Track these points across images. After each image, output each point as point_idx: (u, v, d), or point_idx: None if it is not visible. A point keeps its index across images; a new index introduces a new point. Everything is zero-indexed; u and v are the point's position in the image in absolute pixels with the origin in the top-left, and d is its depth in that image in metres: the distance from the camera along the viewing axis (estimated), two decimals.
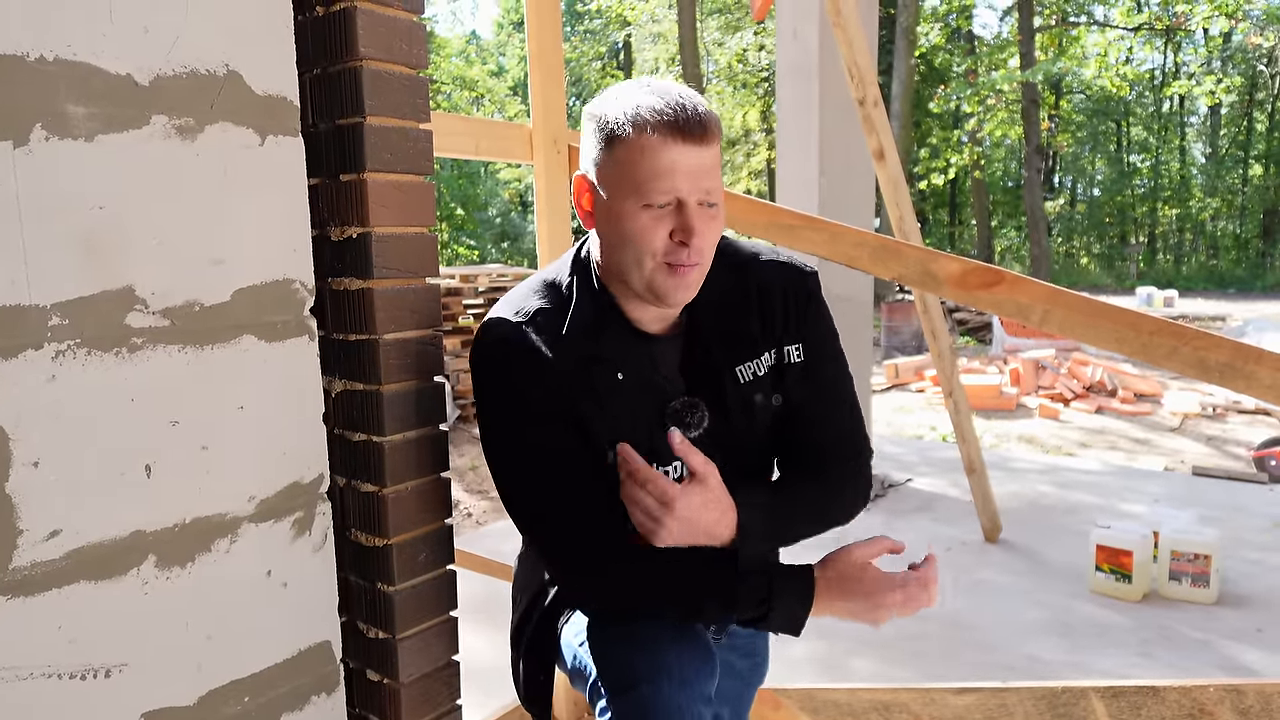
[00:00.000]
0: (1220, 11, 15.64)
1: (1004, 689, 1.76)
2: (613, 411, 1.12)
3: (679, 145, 1.03)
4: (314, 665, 1.13)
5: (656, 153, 1.03)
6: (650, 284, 1.08)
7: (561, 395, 1.10)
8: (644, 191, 1.04)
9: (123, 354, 0.93)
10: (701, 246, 1.06)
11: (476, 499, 5.21)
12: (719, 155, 1.08)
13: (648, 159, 1.03)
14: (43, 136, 0.86)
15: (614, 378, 1.12)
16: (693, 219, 1.04)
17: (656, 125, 1.02)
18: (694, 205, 1.05)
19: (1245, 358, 1.39)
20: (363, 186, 1.11)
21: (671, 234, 1.05)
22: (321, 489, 1.13)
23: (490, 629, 2.05)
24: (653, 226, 1.05)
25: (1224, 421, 6.73)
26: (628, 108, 1.05)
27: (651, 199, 1.04)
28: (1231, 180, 27.53)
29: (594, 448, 1.13)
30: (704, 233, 1.06)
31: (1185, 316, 13.01)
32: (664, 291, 1.08)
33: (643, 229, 1.05)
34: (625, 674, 1.06)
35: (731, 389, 1.17)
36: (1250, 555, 3.46)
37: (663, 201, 1.04)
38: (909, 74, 16.84)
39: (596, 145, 1.09)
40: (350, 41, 1.09)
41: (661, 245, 1.05)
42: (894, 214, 3.29)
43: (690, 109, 1.03)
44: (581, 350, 1.11)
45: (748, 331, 1.18)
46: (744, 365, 1.18)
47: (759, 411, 1.19)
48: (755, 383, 1.18)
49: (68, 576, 0.90)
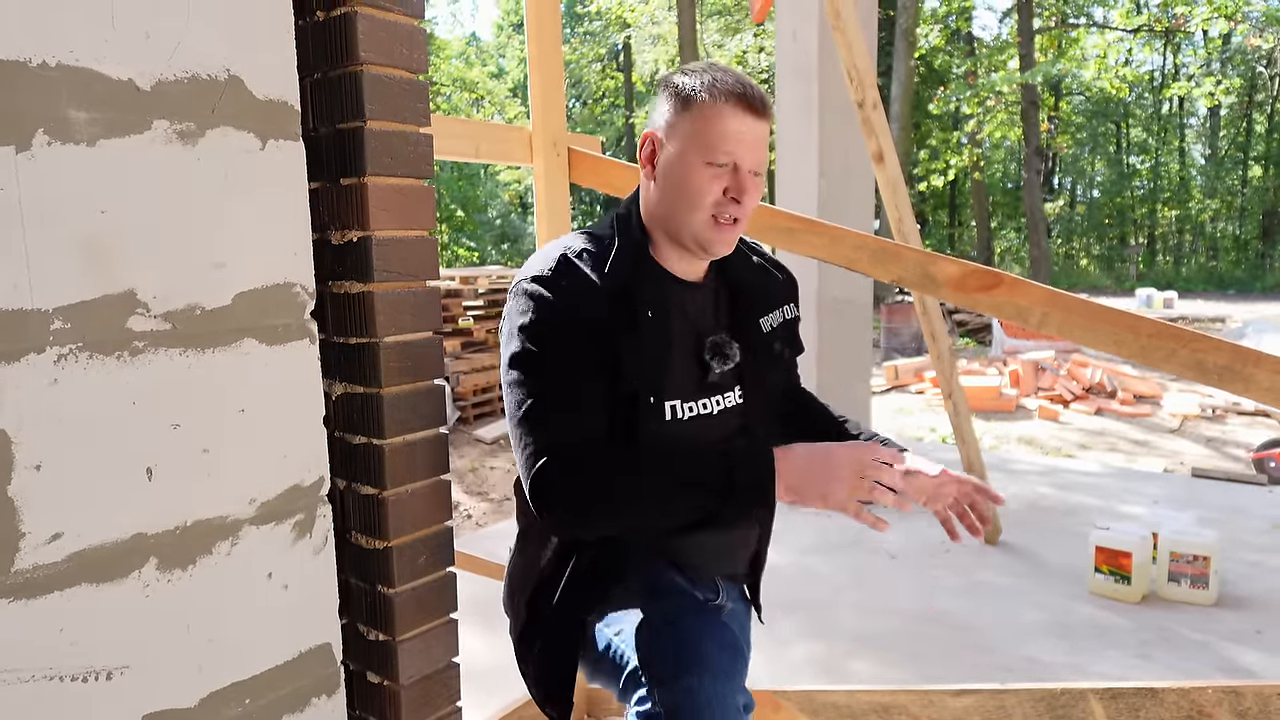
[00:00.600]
0: (1219, 13, 15.66)
1: (1003, 690, 1.76)
2: (646, 345, 1.21)
3: (745, 116, 1.19)
4: (314, 667, 1.14)
5: (726, 119, 1.19)
6: (697, 233, 1.24)
7: (598, 324, 1.18)
8: (710, 150, 1.19)
9: (124, 357, 0.93)
10: (747, 206, 1.22)
11: (476, 501, 5.22)
12: (769, 134, 1.25)
13: (718, 122, 1.19)
14: (45, 141, 0.86)
15: (644, 314, 1.22)
16: (746, 181, 1.21)
17: (729, 95, 1.19)
18: (746, 171, 1.21)
19: (1244, 360, 1.39)
20: (363, 190, 1.12)
21: (726, 190, 1.21)
22: (322, 492, 1.14)
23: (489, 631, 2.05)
24: (710, 182, 1.21)
25: (1223, 423, 6.74)
26: (705, 78, 1.21)
27: (715, 158, 1.19)
28: (1231, 182, 27.55)
29: (623, 382, 1.19)
30: (752, 194, 1.22)
31: (1185, 318, 13.03)
32: (708, 241, 1.24)
33: (702, 182, 1.21)
34: (671, 665, 1.13)
35: (760, 336, 1.35)
36: (1249, 557, 3.46)
37: (724, 161, 1.20)
38: (908, 76, 16.85)
39: (670, 107, 1.24)
40: (351, 46, 1.09)
41: (714, 199, 1.21)
42: (893, 216, 3.30)
43: (756, 88, 1.22)
44: (619, 285, 1.22)
45: (766, 289, 1.39)
46: (765, 317, 1.37)
47: (778, 358, 1.40)
48: (774, 332, 1.38)
49: (69, 579, 0.90)
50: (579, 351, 1.17)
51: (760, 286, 1.38)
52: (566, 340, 1.17)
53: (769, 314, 1.38)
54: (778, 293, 1.41)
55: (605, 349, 1.18)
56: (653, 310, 1.23)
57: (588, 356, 1.17)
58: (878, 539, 3.65)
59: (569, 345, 1.17)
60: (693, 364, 1.27)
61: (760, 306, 1.36)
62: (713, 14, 21.12)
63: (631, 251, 1.25)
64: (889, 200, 3.30)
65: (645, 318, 1.21)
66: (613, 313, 1.19)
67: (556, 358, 1.17)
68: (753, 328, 1.34)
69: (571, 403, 1.16)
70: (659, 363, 1.23)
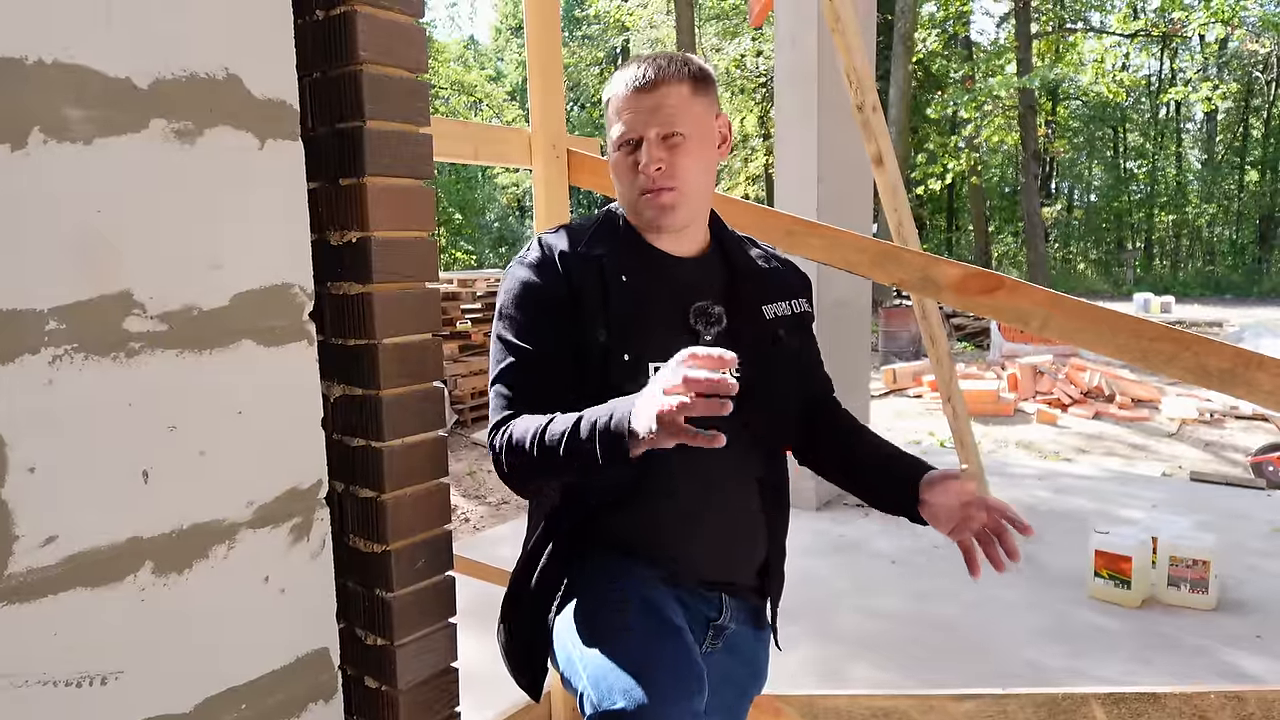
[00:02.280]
0: (1216, 18, 15.71)
1: (1004, 695, 1.75)
2: (619, 304, 1.24)
3: (630, 94, 1.25)
4: (312, 672, 1.13)
5: (620, 102, 1.26)
6: (635, 210, 1.29)
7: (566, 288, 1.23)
8: (616, 135, 1.26)
9: (120, 359, 0.92)
10: (666, 172, 1.23)
11: (473, 504, 5.20)
12: (684, 94, 1.25)
13: (615, 108, 1.27)
14: (41, 139, 0.85)
15: (618, 278, 1.25)
16: (649, 148, 1.23)
17: (619, 82, 1.27)
18: (652, 138, 1.23)
19: (1246, 364, 1.38)
20: (362, 191, 1.11)
21: (634, 165, 1.25)
22: (320, 494, 1.13)
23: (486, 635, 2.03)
24: (624, 162, 1.27)
25: (1221, 427, 6.74)
26: (613, 78, 1.30)
27: (617, 140, 1.26)
28: (1227, 186, 27.59)
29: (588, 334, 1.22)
30: (659, 160, 1.23)
31: (1182, 322, 13.03)
32: (645, 214, 1.27)
33: (620, 166, 1.28)
34: (612, 689, 1.04)
35: (760, 319, 1.33)
36: (1248, 561, 3.46)
37: (627, 139, 1.25)
38: (906, 80, 16.87)
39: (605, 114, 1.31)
40: (350, 45, 1.09)
41: (630, 176, 1.26)
42: (893, 219, 3.29)
43: (644, 66, 1.25)
44: (594, 253, 1.27)
45: (769, 280, 1.38)
46: (768, 305, 1.35)
47: (785, 346, 1.35)
48: (779, 320, 1.35)
49: (64, 583, 0.89)
50: (545, 321, 1.23)
51: (763, 275, 1.38)
52: (535, 312, 1.24)
53: (773, 302, 1.37)
54: (783, 285, 1.40)
55: (577, 312, 1.23)
56: (628, 274, 1.26)
57: (553, 333, 1.23)
58: (876, 543, 3.64)
59: (536, 317, 1.23)
60: (680, 329, 1.27)
61: (762, 292, 1.36)
62: (711, 18, 21.14)
63: (609, 226, 1.32)
64: (888, 204, 3.29)
65: (620, 280, 1.25)
66: (585, 276, 1.24)
67: (523, 329, 1.23)
68: (751, 308, 1.33)
69: (530, 369, 1.22)
70: (637, 322, 1.24)
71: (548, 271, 1.25)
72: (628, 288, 1.25)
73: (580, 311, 1.23)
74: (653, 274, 1.28)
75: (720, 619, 1.30)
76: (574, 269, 1.25)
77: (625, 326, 1.23)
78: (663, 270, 1.30)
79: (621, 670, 1.06)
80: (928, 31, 19.13)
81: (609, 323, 1.22)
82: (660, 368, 1.08)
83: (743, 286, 1.34)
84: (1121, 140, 29.76)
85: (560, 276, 1.24)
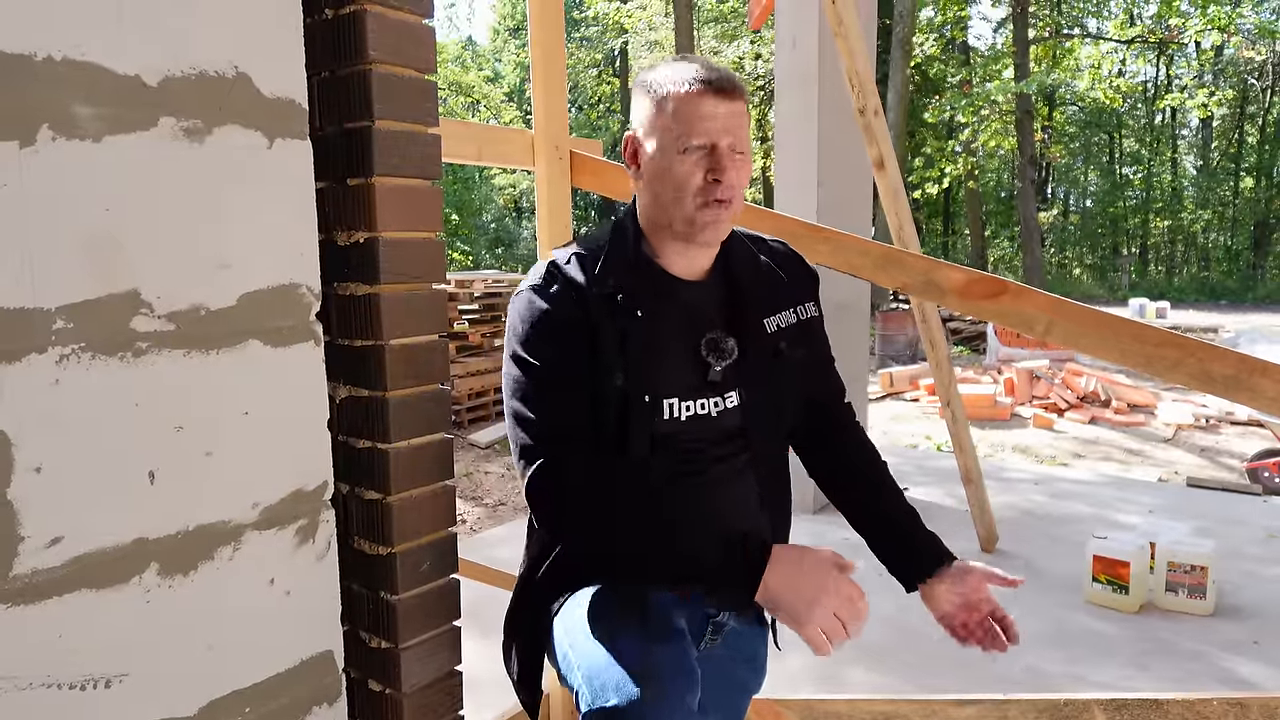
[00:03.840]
0: (1212, 25, 15.77)
1: (1005, 701, 1.75)
2: (638, 343, 1.21)
3: (711, 98, 1.20)
4: (316, 675, 1.12)
5: (694, 103, 1.20)
6: (690, 219, 1.23)
7: (587, 324, 1.20)
8: (684, 137, 1.20)
9: (127, 358, 0.92)
10: (733, 184, 1.22)
11: (471, 506, 5.19)
12: (746, 113, 1.24)
13: (686, 108, 1.20)
14: (49, 137, 0.85)
15: (633, 312, 1.22)
16: (724, 159, 1.20)
17: (694, 81, 1.21)
18: (725, 149, 1.21)
19: (1250, 370, 1.39)
20: (370, 191, 1.10)
21: (707, 173, 1.21)
22: (325, 496, 1.12)
23: (484, 637, 2.03)
24: (692, 168, 1.21)
25: (1217, 433, 6.76)
26: (671, 72, 1.23)
27: (689, 142, 1.20)
28: (1223, 192, 27.68)
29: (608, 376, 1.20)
30: (733, 171, 1.21)
31: (1178, 328, 13.06)
32: (702, 224, 1.23)
33: (683, 170, 1.21)
34: (605, 688, 1.07)
35: (762, 335, 1.31)
36: (1245, 566, 3.46)
37: (699, 143, 1.20)
38: (904, 84, 16.90)
39: (644, 104, 1.25)
40: (359, 44, 1.08)
41: (699, 183, 1.21)
42: (893, 223, 3.29)
43: (721, 70, 1.22)
44: (609, 286, 1.23)
45: (774, 288, 1.36)
46: (771, 318, 1.33)
47: (787, 359, 1.33)
48: (780, 332, 1.33)
49: (69, 584, 0.88)
50: (567, 356, 1.20)
51: (765, 286, 1.35)
52: (555, 345, 1.20)
53: (775, 314, 1.34)
54: (786, 293, 1.37)
55: (594, 350, 1.20)
56: (644, 308, 1.23)
57: (575, 360, 1.20)
58: None
59: (557, 350, 1.20)
60: (691, 362, 1.26)
61: (763, 305, 1.33)
62: (709, 20, 21.15)
63: (623, 253, 1.27)
64: (889, 207, 3.30)
65: (635, 316, 1.22)
66: (600, 313, 1.21)
67: (545, 363, 1.20)
68: (753, 326, 1.31)
69: (555, 390, 1.19)
70: (652, 360, 1.22)
71: (565, 305, 1.21)
72: (642, 325, 1.22)
73: (597, 350, 1.20)
74: (665, 304, 1.26)
75: (720, 615, 1.33)
76: (591, 304, 1.21)
77: (641, 368, 1.21)
78: (673, 298, 1.27)
79: (616, 667, 1.08)
80: (925, 36, 19.17)
81: (626, 366, 1.20)
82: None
83: (745, 303, 1.31)
84: (1117, 146, 29.86)
85: (577, 310, 1.21)
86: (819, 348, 1.42)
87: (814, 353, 1.41)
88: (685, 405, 1.24)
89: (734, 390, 1.28)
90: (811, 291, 1.41)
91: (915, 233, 3.34)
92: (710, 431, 1.26)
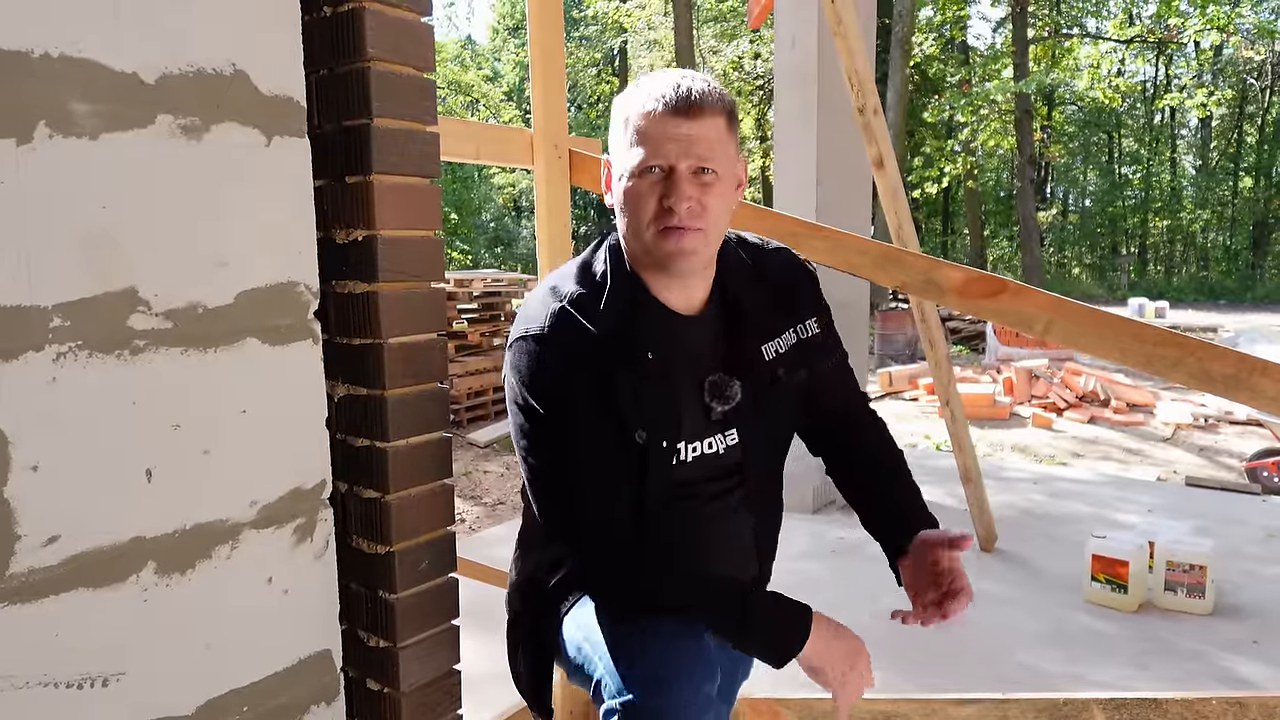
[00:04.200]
0: (1211, 25, 15.78)
1: (1005, 700, 1.75)
2: (648, 389, 1.18)
3: (669, 118, 1.12)
4: (314, 674, 1.12)
5: (653, 125, 1.12)
6: (650, 249, 1.16)
7: (600, 375, 1.15)
8: (639, 160, 1.13)
9: (124, 356, 0.91)
10: (694, 212, 1.13)
11: (470, 505, 5.19)
12: (721, 129, 1.15)
13: (645, 130, 1.13)
14: (47, 134, 0.84)
15: (644, 356, 1.18)
16: (679, 184, 1.12)
17: (654, 100, 1.13)
18: (684, 171, 1.12)
19: (1250, 370, 1.38)
20: (369, 189, 1.10)
21: (661, 198, 1.13)
22: (324, 495, 1.12)
23: (483, 636, 2.02)
24: (647, 192, 1.14)
25: (1216, 432, 6.76)
26: (638, 90, 1.16)
27: (643, 164, 1.13)
28: (1222, 192, 27.70)
29: (626, 428, 1.17)
30: (692, 197, 1.12)
31: (1177, 327, 13.06)
32: (661, 255, 1.15)
33: (638, 195, 1.14)
34: (632, 677, 1.09)
35: (760, 366, 1.26)
36: (1244, 566, 3.46)
37: (653, 165, 1.12)
38: (904, 84, 16.91)
39: (614, 127, 1.20)
40: (358, 42, 1.08)
41: (653, 210, 1.13)
42: (892, 222, 3.29)
43: (684, 88, 1.12)
44: (617, 329, 1.17)
45: (771, 311, 1.28)
46: (769, 344, 1.27)
47: (784, 386, 1.29)
48: (779, 359, 1.28)
49: (66, 583, 0.88)
50: (586, 413, 1.15)
51: (763, 309, 1.28)
52: (571, 402, 1.15)
53: (775, 338, 1.28)
54: (786, 313, 1.30)
55: (611, 400, 1.15)
56: (654, 351, 1.18)
57: (595, 416, 1.15)
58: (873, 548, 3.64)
59: (575, 408, 1.15)
60: (697, 403, 1.22)
61: (762, 332, 1.27)
62: (709, 19, 21.14)
63: (626, 290, 1.20)
64: (889, 206, 3.29)
65: (646, 360, 1.17)
66: (613, 360, 1.16)
67: (564, 423, 1.16)
68: (752, 358, 1.26)
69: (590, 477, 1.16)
70: (667, 406, 1.19)
71: (575, 351, 1.15)
72: (656, 365, 1.18)
73: (609, 398, 1.15)
74: (671, 345, 1.21)
75: None
76: (603, 346, 1.16)
77: (658, 411, 1.18)
78: (675, 337, 1.22)
79: (637, 660, 1.10)
80: (925, 36, 19.18)
81: (644, 421, 1.17)
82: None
83: (744, 333, 1.26)
84: (1117, 145, 29.87)
85: (591, 353, 1.15)
86: (824, 361, 1.35)
87: (819, 368, 1.34)
88: (693, 446, 1.22)
89: (734, 428, 1.25)
90: (812, 304, 1.34)
91: (914, 232, 3.34)
92: (712, 469, 1.25)
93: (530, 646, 1.33)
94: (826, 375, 1.36)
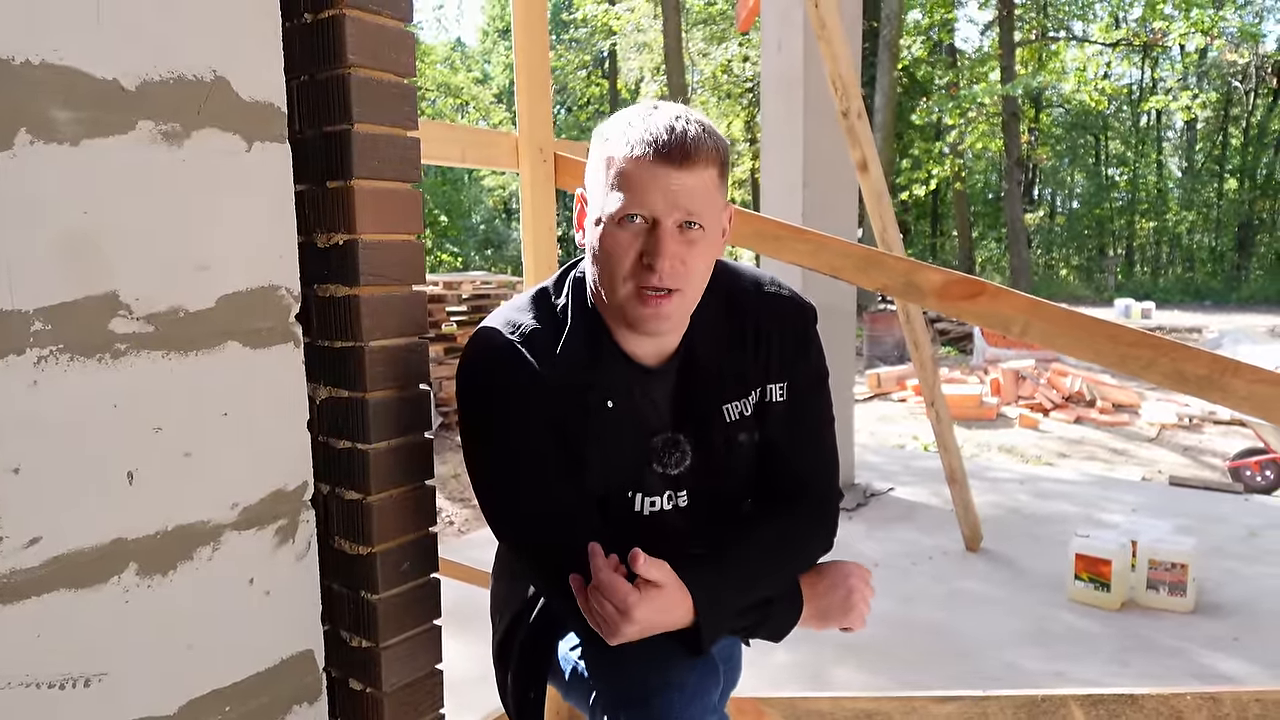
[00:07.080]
0: (1196, 28, 15.93)
1: (984, 697, 1.77)
2: (599, 440, 1.13)
3: (659, 166, 1.02)
4: (296, 674, 1.13)
5: (640, 170, 1.03)
6: (623, 309, 1.07)
7: (549, 415, 1.11)
8: (620, 206, 1.04)
9: (106, 360, 0.92)
10: (676, 272, 1.04)
11: (458, 507, 5.19)
12: (712, 181, 1.06)
13: (630, 175, 1.03)
14: (27, 140, 0.85)
15: (604, 406, 1.12)
16: (663, 239, 1.02)
17: (639, 144, 1.03)
18: (669, 226, 1.03)
19: (1221, 370, 1.41)
20: (349, 193, 1.11)
21: (641, 255, 1.04)
22: (305, 496, 1.13)
23: (469, 638, 2.04)
24: (627, 244, 1.04)
25: (1200, 432, 6.82)
26: (621, 127, 1.06)
27: (625, 214, 1.04)
28: (1207, 194, 27.91)
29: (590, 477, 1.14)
30: (676, 255, 1.03)
31: (1162, 328, 13.17)
32: (635, 319, 1.07)
33: (616, 245, 1.05)
34: (630, 689, 1.05)
35: (718, 427, 1.17)
36: (1226, 565, 3.50)
37: (634, 214, 1.03)
38: (892, 86, 16.98)
39: (594, 159, 1.11)
40: (338, 48, 1.09)
41: (630, 265, 1.04)
42: (877, 225, 3.31)
43: (678, 133, 1.02)
44: (573, 375, 1.11)
45: (740, 371, 1.18)
46: (732, 404, 1.17)
47: (741, 450, 1.20)
48: (740, 422, 1.18)
49: (47, 584, 0.89)
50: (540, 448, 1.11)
51: (727, 371, 1.17)
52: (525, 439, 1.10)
53: (739, 399, 1.18)
54: (754, 373, 1.19)
55: (560, 432, 1.11)
56: (614, 399, 1.12)
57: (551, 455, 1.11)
58: (860, 546, 3.67)
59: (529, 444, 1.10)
60: (645, 461, 1.17)
61: (725, 393, 1.17)
62: (698, 23, 21.18)
63: (586, 333, 1.12)
64: (873, 209, 3.32)
65: (597, 407, 1.12)
66: (563, 403, 1.10)
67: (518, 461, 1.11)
68: (710, 421, 1.17)
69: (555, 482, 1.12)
70: (625, 455, 1.14)
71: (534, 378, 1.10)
72: (610, 417, 1.12)
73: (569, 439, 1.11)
74: (629, 396, 1.14)
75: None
76: (557, 385, 1.10)
77: (616, 460, 1.14)
78: (637, 390, 1.15)
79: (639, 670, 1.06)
80: (913, 39, 19.29)
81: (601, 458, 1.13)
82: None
83: (706, 390, 1.17)
84: (1103, 148, 30.07)
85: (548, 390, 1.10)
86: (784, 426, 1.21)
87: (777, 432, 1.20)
88: (650, 500, 1.18)
89: (684, 489, 1.19)
90: (789, 364, 1.20)
91: (899, 235, 3.37)
92: (666, 527, 1.19)
93: (522, 672, 1.27)
94: (781, 446, 1.22)
